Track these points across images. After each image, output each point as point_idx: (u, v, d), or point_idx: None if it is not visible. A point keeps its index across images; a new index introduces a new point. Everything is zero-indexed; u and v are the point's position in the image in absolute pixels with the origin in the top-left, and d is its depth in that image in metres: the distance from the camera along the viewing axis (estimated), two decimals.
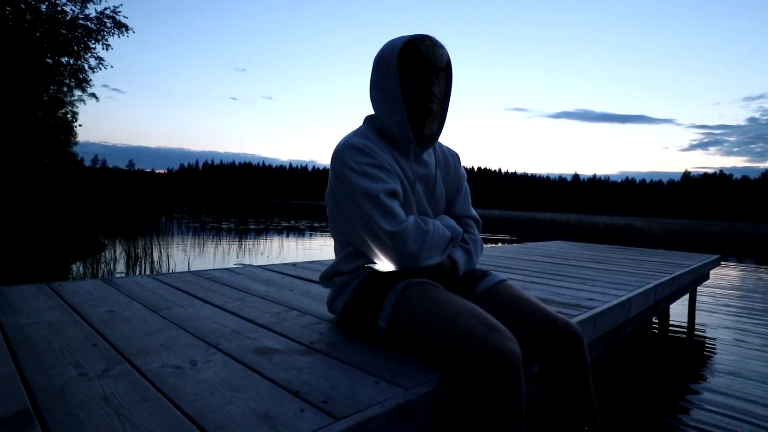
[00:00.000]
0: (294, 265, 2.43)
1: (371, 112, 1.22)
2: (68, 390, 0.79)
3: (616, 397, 2.05)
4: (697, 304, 3.87)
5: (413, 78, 1.10)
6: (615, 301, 1.73)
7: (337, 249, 1.22)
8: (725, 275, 6.39)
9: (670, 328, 3.32)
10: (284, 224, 14.64)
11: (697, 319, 3.57)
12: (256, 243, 8.21)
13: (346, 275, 1.18)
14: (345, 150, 1.09)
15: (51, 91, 12.21)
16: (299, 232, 11.59)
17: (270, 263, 2.49)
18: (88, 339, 1.07)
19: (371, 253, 1.10)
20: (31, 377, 0.84)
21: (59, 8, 10.95)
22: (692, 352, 2.76)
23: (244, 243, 8.07)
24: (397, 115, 1.11)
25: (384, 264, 1.10)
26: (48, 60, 11.18)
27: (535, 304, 1.10)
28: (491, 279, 1.20)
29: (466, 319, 0.92)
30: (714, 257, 3.74)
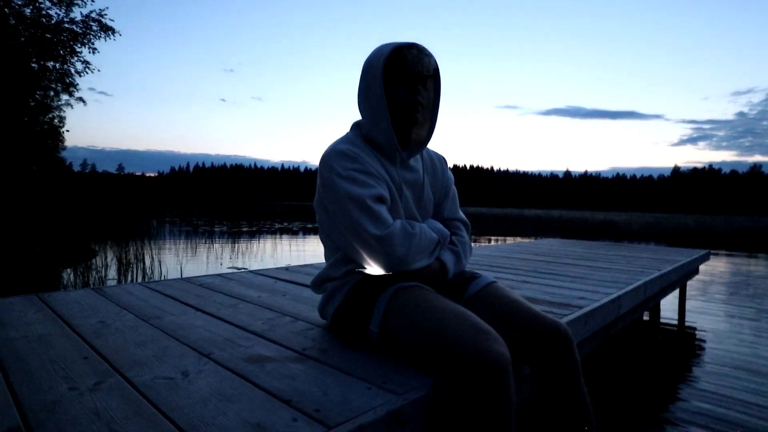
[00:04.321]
0: (287, 269, 2.43)
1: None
2: (59, 405, 0.79)
3: (610, 393, 2.08)
4: (687, 299, 3.92)
5: (399, 87, 1.10)
6: (605, 300, 1.75)
7: (327, 255, 1.23)
8: (714, 268, 6.47)
9: (661, 323, 3.36)
10: (277, 226, 14.59)
11: (687, 313, 3.62)
12: (249, 246, 8.18)
13: (337, 281, 1.19)
14: (332, 156, 1.10)
15: (37, 96, 12.07)
16: (292, 234, 11.57)
17: (263, 267, 2.49)
18: (79, 351, 1.06)
19: (360, 258, 1.11)
20: (21, 393, 0.83)
21: (44, 12, 10.82)
22: (683, 345, 2.80)
23: (237, 246, 8.03)
24: (382, 123, 1.12)
25: (373, 268, 1.10)
26: (33, 65, 11.04)
27: (524, 306, 1.12)
28: (481, 281, 1.21)
29: (455, 323, 0.93)
30: (703, 252, 3.79)
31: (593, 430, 1.05)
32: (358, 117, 1.23)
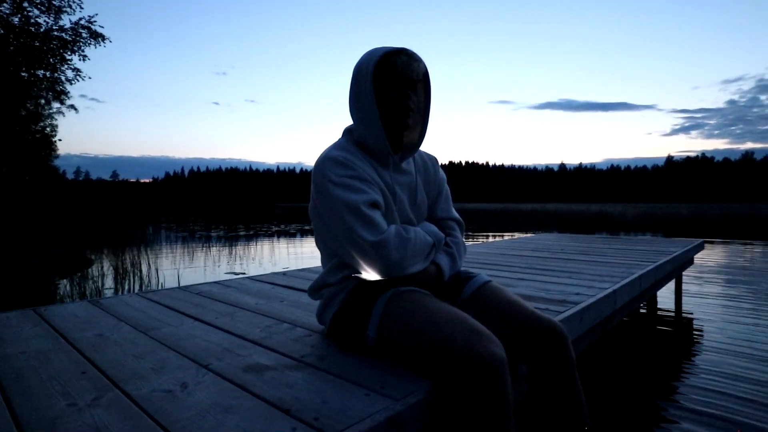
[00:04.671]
0: (284, 274, 2.43)
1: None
2: (59, 423, 0.79)
3: (607, 388, 2.09)
4: (683, 289, 3.95)
5: (389, 92, 1.11)
6: (600, 295, 1.76)
7: (324, 261, 1.23)
8: (709, 257, 6.52)
9: (658, 314, 3.38)
10: (274, 228, 14.58)
11: (684, 303, 3.64)
12: (246, 250, 8.17)
13: (334, 287, 1.19)
14: (325, 163, 1.10)
15: (28, 106, 11.99)
16: (290, 236, 11.55)
17: (261, 271, 2.49)
18: (77, 366, 1.06)
19: (356, 264, 1.11)
20: (20, 410, 0.84)
21: (32, 20, 10.75)
22: (681, 336, 2.82)
23: (234, 250, 8.02)
24: (374, 128, 1.12)
25: (369, 274, 1.11)
26: (23, 74, 10.97)
27: (519, 305, 1.12)
28: (476, 281, 1.22)
29: (451, 326, 0.94)
30: (697, 242, 3.82)
31: (588, 428, 1.06)
32: (347, 129, 1.24)
